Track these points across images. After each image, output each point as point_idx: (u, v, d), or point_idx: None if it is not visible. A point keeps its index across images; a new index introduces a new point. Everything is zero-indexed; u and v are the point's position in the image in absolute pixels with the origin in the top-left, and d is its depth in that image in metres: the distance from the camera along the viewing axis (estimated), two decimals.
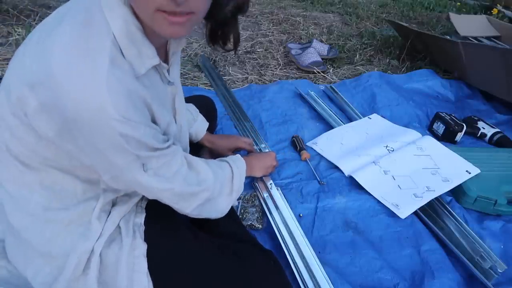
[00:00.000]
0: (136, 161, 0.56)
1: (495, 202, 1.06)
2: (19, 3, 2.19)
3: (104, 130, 0.50)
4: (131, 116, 0.51)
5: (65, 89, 0.48)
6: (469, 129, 1.42)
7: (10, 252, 0.70)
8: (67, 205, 0.63)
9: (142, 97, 0.55)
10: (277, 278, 0.73)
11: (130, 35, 0.54)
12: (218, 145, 1.09)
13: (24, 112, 0.52)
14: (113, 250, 0.65)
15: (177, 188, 0.64)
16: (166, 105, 0.68)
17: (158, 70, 0.64)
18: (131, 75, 0.53)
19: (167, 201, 0.67)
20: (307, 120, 1.46)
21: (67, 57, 0.49)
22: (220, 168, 0.80)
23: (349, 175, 1.16)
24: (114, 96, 0.49)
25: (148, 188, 0.61)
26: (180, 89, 0.76)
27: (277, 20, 2.57)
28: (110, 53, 0.50)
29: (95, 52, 0.50)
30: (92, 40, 0.50)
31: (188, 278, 0.68)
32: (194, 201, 0.70)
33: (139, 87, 0.54)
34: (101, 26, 0.52)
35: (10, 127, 0.55)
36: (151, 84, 0.61)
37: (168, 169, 0.62)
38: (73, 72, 0.48)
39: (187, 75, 1.75)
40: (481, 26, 2.19)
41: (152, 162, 0.59)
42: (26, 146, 0.57)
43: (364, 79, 1.74)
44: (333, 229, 1.00)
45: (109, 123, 0.50)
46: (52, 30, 0.51)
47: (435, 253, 0.94)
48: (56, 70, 0.48)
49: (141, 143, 0.55)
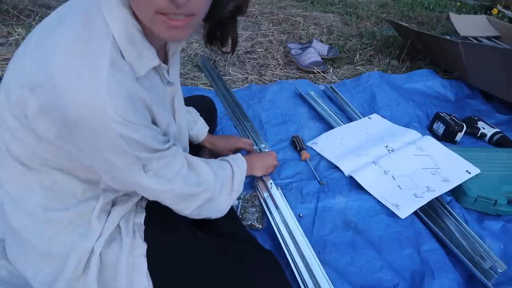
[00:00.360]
0: (137, 162, 0.56)
1: (495, 202, 1.06)
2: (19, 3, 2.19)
3: (104, 132, 0.50)
4: (131, 118, 0.51)
5: (66, 92, 0.48)
6: (469, 129, 1.42)
7: (10, 252, 0.70)
8: (67, 205, 0.63)
9: (142, 98, 0.55)
10: (277, 278, 0.73)
11: (130, 37, 0.54)
12: (218, 146, 1.09)
13: (25, 114, 0.52)
14: (113, 250, 0.65)
15: (177, 189, 0.64)
16: (166, 105, 0.68)
17: (158, 71, 0.64)
18: (131, 77, 0.53)
19: (167, 202, 0.67)
20: (307, 120, 1.46)
21: (67, 59, 0.49)
22: (221, 168, 0.80)
23: (349, 175, 1.16)
24: (114, 98, 0.49)
25: (149, 189, 0.61)
26: (179, 89, 0.76)
27: (277, 20, 2.57)
28: (110, 55, 0.50)
29: (95, 54, 0.49)
30: (91, 42, 0.50)
31: (188, 278, 0.68)
32: (194, 202, 0.70)
33: (139, 89, 0.54)
34: (100, 28, 0.52)
35: (10, 128, 0.55)
36: (151, 85, 0.61)
37: (169, 170, 0.62)
38: (73, 75, 0.48)
39: (187, 75, 1.75)
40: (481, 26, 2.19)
41: (153, 163, 0.59)
42: (26, 148, 0.57)
43: (364, 79, 1.74)
44: (333, 229, 1.00)
45: (109, 125, 0.50)
46: (52, 32, 0.51)
47: (435, 253, 0.94)
48: (56, 72, 0.48)
49: (141, 144, 0.55)
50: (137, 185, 0.60)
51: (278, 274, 0.74)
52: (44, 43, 0.51)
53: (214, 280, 0.69)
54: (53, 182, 0.60)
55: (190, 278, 0.68)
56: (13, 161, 0.59)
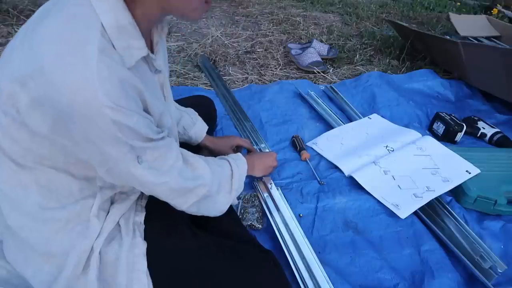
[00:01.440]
0: (131, 152, 0.56)
1: (495, 202, 1.06)
2: (19, 3, 2.19)
3: (97, 119, 0.50)
4: (123, 103, 0.51)
5: (56, 81, 0.48)
6: (469, 129, 1.42)
7: (9, 253, 0.70)
8: (64, 203, 0.63)
9: (133, 85, 0.55)
10: (277, 278, 0.73)
11: (121, 28, 0.54)
12: (218, 144, 1.09)
13: (16, 109, 0.52)
14: (113, 248, 0.65)
15: (172, 182, 0.64)
16: (157, 94, 0.68)
17: (146, 60, 0.64)
18: (121, 64, 0.53)
19: (163, 197, 0.66)
20: (307, 120, 1.46)
21: (55, 48, 0.49)
22: (219, 166, 0.80)
23: (349, 175, 1.16)
24: (105, 84, 0.49)
25: (143, 182, 0.61)
26: (167, 77, 0.76)
27: (277, 20, 2.57)
28: (98, 43, 0.50)
29: (83, 43, 0.49)
30: (79, 31, 0.50)
31: (187, 278, 0.68)
32: (190, 197, 0.69)
33: (131, 76, 0.54)
34: (88, 18, 0.52)
35: (2, 126, 0.55)
36: (141, 75, 0.61)
37: (163, 163, 0.62)
38: (62, 63, 0.48)
39: (187, 75, 1.75)
40: (481, 26, 2.19)
41: (147, 154, 0.58)
42: (19, 145, 0.56)
43: (364, 79, 1.74)
44: (333, 229, 1.00)
45: (102, 111, 0.49)
46: (38, 25, 0.52)
47: (435, 253, 0.94)
48: (45, 62, 0.48)
49: (134, 131, 0.54)
50: (132, 177, 0.59)
51: (278, 274, 0.74)
52: (31, 37, 0.51)
53: (214, 280, 0.69)
54: (48, 180, 0.60)
55: (190, 278, 0.68)
56: (7, 160, 0.59)
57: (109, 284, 0.64)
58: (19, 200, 0.61)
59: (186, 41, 2.11)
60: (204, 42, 2.09)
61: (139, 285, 0.64)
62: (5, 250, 0.70)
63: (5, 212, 0.63)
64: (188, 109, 1.03)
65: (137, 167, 0.58)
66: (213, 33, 2.22)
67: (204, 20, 2.45)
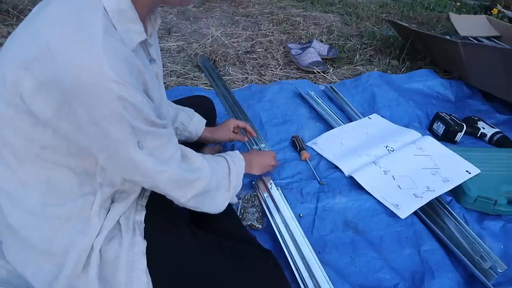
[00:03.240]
0: (133, 134, 0.56)
1: (495, 202, 1.06)
2: (19, 3, 2.19)
3: (102, 96, 0.50)
4: (128, 79, 0.52)
5: (62, 59, 0.49)
6: (469, 129, 1.42)
7: (9, 253, 0.70)
8: (64, 200, 0.63)
9: (137, 65, 0.56)
10: (276, 278, 0.73)
11: (121, 11, 0.55)
12: (218, 131, 1.08)
13: (20, 96, 0.53)
14: (113, 246, 0.65)
15: (171, 171, 0.64)
16: (155, 83, 0.68)
17: (143, 47, 0.64)
18: (124, 45, 0.54)
19: (162, 186, 0.66)
20: (307, 120, 1.46)
21: (60, 29, 0.50)
22: (216, 163, 0.81)
23: (349, 175, 1.16)
24: (111, 59, 0.50)
25: (143, 169, 0.60)
26: (161, 69, 0.76)
27: (277, 20, 2.57)
28: (102, 23, 0.51)
29: (87, 23, 0.51)
30: (82, 14, 0.51)
31: (187, 277, 0.68)
32: (190, 190, 0.69)
33: (134, 56, 0.55)
34: (90, 2, 0.53)
35: (5, 118, 0.56)
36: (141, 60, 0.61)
37: (163, 153, 0.63)
38: (68, 42, 0.49)
39: (187, 75, 1.75)
40: (481, 26, 2.19)
41: (147, 140, 0.59)
42: (22, 136, 0.57)
43: (364, 79, 1.74)
44: (333, 229, 1.00)
45: (108, 86, 0.50)
46: (40, 12, 0.53)
47: (435, 253, 0.94)
48: (51, 42, 0.49)
49: (138, 111, 0.55)
50: (132, 164, 0.59)
51: (277, 274, 0.74)
52: (35, 22, 0.52)
53: (213, 279, 0.69)
54: (48, 176, 0.61)
55: (189, 277, 0.68)
56: (7, 155, 0.59)
57: (109, 282, 0.64)
58: (19, 197, 0.61)
59: (186, 41, 2.11)
60: (204, 42, 2.09)
61: (138, 284, 0.64)
62: (5, 250, 0.70)
63: (6, 210, 0.63)
64: (183, 107, 1.03)
65: (137, 151, 0.58)
66: (213, 33, 2.22)
67: (204, 20, 2.45)
